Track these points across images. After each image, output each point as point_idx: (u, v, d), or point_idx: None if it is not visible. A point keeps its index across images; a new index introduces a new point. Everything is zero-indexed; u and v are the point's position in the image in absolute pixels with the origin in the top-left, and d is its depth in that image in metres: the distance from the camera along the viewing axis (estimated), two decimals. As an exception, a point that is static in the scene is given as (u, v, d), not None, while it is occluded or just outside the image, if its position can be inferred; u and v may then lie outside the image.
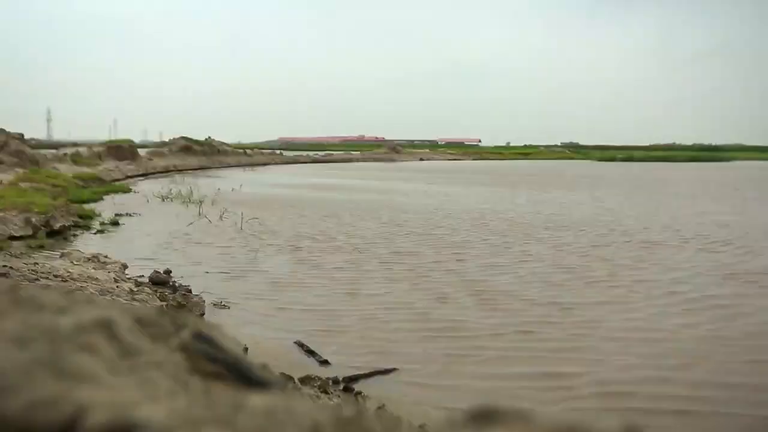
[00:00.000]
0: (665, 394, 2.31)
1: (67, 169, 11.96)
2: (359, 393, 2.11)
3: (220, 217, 6.72)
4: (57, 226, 5.49)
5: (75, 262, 3.62)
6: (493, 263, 4.48)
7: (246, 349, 2.27)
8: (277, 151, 29.18)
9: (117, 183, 12.05)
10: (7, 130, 11.41)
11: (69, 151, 15.09)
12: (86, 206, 7.28)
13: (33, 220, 5.25)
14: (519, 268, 4.33)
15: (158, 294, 3.20)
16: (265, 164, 22.61)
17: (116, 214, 6.75)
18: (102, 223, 6.19)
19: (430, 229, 6.09)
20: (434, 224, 6.53)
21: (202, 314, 2.99)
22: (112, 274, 3.45)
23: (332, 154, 33.30)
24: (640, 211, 7.93)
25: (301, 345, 2.56)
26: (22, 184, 8.17)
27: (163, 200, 8.55)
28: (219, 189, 10.18)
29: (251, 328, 2.87)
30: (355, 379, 2.24)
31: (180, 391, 0.28)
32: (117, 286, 3.10)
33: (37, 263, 3.37)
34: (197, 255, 4.63)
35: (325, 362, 2.40)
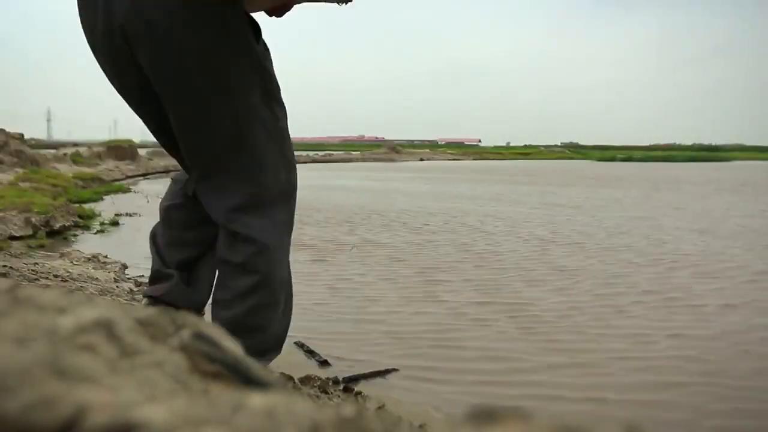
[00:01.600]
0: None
1: (67, 169, 11.96)
2: (359, 393, 2.11)
3: (220, 217, 6.70)
4: (57, 226, 5.48)
5: (75, 262, 3.62)
6: (535, 279, 3.81)
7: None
8: (277, 151, 29.02)
9: (117, 183, 12.05)
10: (7, 130, 11.42)
11: (69, 151, 15.10)
12: (86, 206, 7.27)
13: (33, 220, 5.25)
14: (567, 286, 3.65)
15: (158, 294, 3.20)
16: (264, 164, 22.51)
17: (116, 214, 6.75)
18: (102, 223, 6.18)
19: (452, 236, 5.51)
20: (457, 230, 5.97)
21: (203, 314, 2.99)
22: (112, 274, 3.45)
23: (332, 154, 33.29)
24: (671, 215, 7.37)
25: (301, 345, 2.56)
26: (22, 184, 8.18)
27: (164, 200, 8.55)
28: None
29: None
30: (355, 379, 2.24)
31: (180, 391, 0.28)
32: (117, 286, 3.10)
33: (37, 263, 3.37)
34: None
35: (325, 362, 2.40)
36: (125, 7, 1.33)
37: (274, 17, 1.55)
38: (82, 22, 1.45)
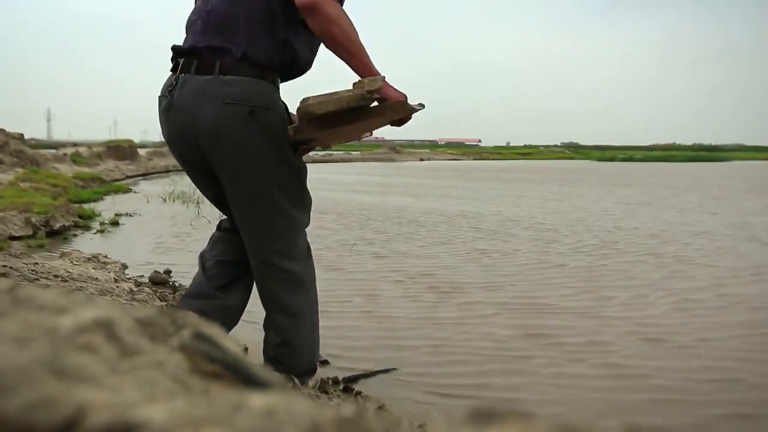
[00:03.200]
0: None
1: (67, 169, 11.97)
2: (359, 393, 2.11)
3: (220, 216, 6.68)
4: (57, 226, 5.49)
5: (75, 262, 3.62)
6: (598, 298, 3.32)
7: (246, 349, 2.27)
8: (277, 151, 29.06)
9: (117, 183, 12.06)
10: (7, 130, 11.42)
11: (69, 151, 15.11)
12: (86, 206, 7.28)
13: (33, 220, 5.25)
14: (635, 304, 3.17)
15: (158, 294, 3.20)
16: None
17: (116, 215, 6.75)
18: (102, 223, 6.19)
19: (492, 243, 4.95)
20: (492, 235, 5.46)
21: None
22: (112, 274, 3.45)
23: (332, 154, 33.30)
24: (710, 220, 6.71)
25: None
26: (22, 184, 8.18)
27: (165, 201, 8.53)
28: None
29: (251, 328, 2.85)
30: (355, 379, 2.24)
31: (180, 391, 0.28)
32: (117, 286, 3.10)
33: (37, 263, 3.37)
34: (197, 255, 4.62)
35: (324, 362, 2.40)
36: (207, 131, 1.73)
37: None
38: (161, 123, 1.85)
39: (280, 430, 0.24)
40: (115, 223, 6.25)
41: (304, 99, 1.70)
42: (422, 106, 1.81)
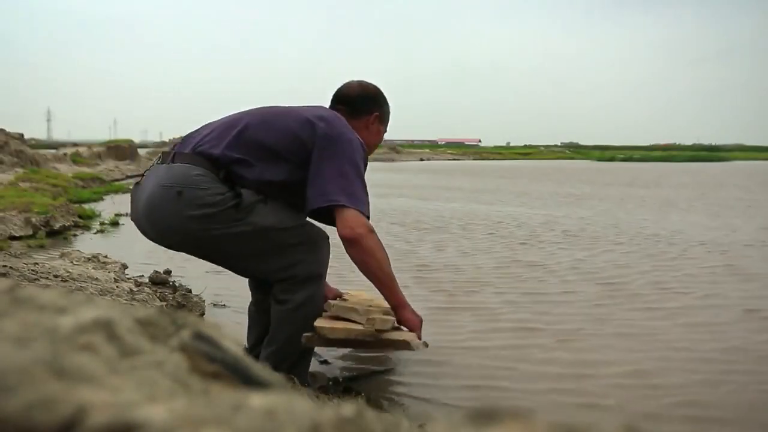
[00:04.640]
0: None
1: (67, 169, 11.97)
2: (359, 393, 2.11)
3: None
4: (57, 226, 5.49)
5: (75, 262, 3.62)
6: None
7: (246, 349, 2.27)
8: (277, 151, 29.12)
9: (117, 183, 12.07)
10: (7, 130, 11.43)
11: (69, 151, 15.11)
12: (86, 206, 7.29)
13: (33, 220, 5.25)
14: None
15: (158, 294, 3.20)
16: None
17: (116, 214, 6.75)
18: (102, 223, 6.19)
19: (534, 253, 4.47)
20: (523, 243, 5.04)
21: (202, 314, 2.98)
22: (112, 274, 3.45)
23: (332, 155, 33.23)
24: (745, 226, 6.13)
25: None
26: (22, 184, 8.18)
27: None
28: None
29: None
30: (355, 379, 2.24)
31: (180, 391, 0.28)
32: (117, 286, 3.09)
33: (37, 263, 3.37)
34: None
35: (325, 362, 2.40)
36: (142, 212, 1.88)
37: None
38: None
39: (280, 430, 0.24)
40: (115, 223, 6.25)
41: (327, 303, 1.95)
42: (426, 345, 1.94)
